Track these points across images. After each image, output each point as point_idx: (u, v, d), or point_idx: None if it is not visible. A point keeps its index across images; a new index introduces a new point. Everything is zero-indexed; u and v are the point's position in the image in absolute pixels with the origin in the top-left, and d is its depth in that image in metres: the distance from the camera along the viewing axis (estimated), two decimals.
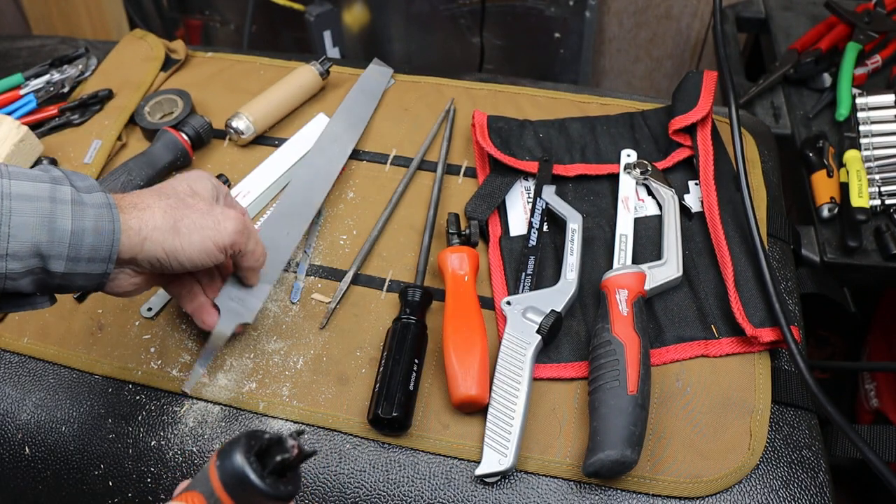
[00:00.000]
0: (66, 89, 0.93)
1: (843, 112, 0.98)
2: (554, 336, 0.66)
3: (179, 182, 0.59)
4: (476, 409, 0.63)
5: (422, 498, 0.60)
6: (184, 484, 0.43)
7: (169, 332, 0.70)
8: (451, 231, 0.74)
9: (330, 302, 0.71)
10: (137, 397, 0.66)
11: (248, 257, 0.62)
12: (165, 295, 0.72)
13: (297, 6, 1.45)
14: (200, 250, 0.56)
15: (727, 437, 0.61)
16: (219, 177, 0.81)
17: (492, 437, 0.60)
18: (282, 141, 0.87)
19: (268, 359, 0.68)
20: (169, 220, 0.55)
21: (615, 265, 0.70)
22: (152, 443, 0.63)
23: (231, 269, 0.65)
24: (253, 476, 0.39)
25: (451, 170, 0.83)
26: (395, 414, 0.60)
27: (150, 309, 0.71)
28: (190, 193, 0.58)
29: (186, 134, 0.83)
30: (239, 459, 0.39)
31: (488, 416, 0.61)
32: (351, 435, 0.63)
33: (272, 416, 0.64)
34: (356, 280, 0.73)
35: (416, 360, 0.64)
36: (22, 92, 0.91)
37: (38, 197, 0.49)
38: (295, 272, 0.74)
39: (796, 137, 1.00)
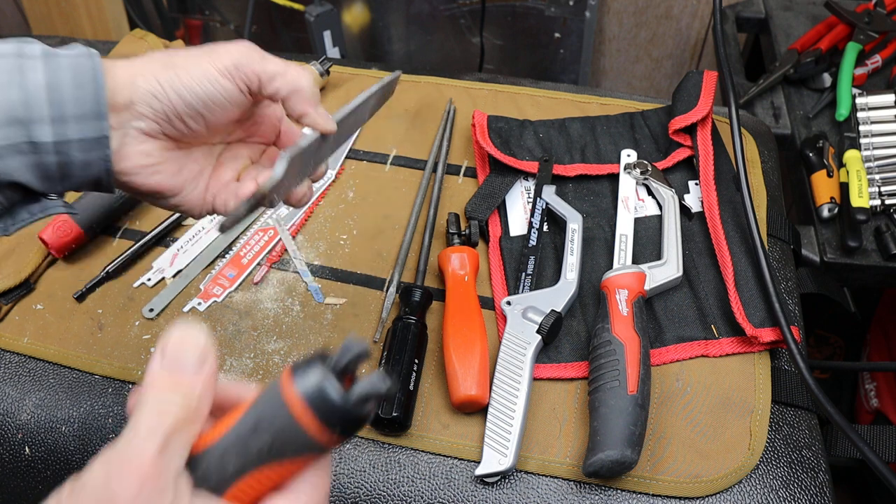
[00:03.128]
0: None
1: (843, 112, 0.98)
2: (554, 336, 0.66)
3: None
4: (476, 409, 0.63)
5: (422, 498, 0.60)
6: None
7: None
8: (451, 231, 0.74)
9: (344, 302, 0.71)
10: None
11: (280, 81, 0.49)
12: (167, 296, 0.72)
13: (297, 6, 1.45)
14: (202, 77, 0.47)
15: (727, 437, 0.61)
16: None
17: (492, 437, 0.60)
18: None
19: (268, 359, 0.68)
20: (161, 57, 0.47)
21: (615, 265, 0.70)
22: None
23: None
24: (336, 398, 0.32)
25: (451, 170, 0.83)
26: (395, 414, 0.60)
27: (151, 310, 0.71)
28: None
29: None
30: (323, 377, 0.32)
31: (488, 416, 0.61)
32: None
33: None
34: (357, 280, 0.73)
35: (416, 360, 0.64)
36: None
37: (2, 54, 0.43)
38: (297, 272, 0.74)
39: (796, 137, 1.00)
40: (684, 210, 0.76)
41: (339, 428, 0.32)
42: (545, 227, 0.75)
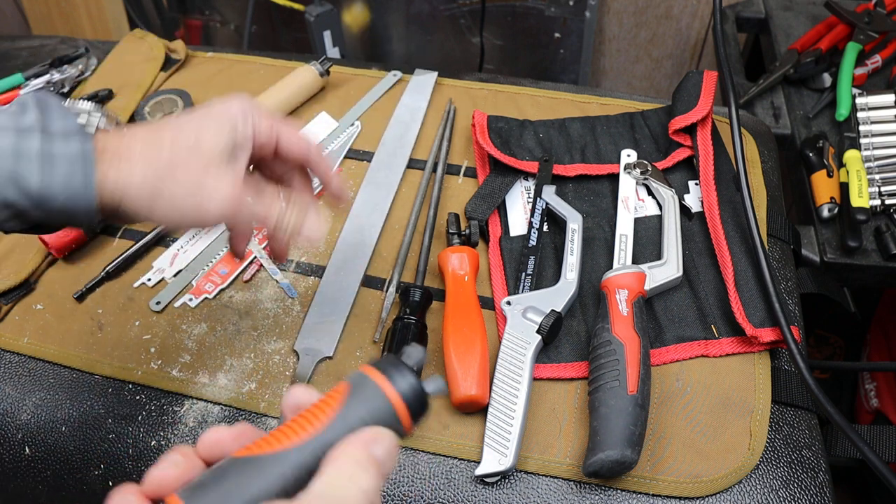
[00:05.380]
0: (66, 89, 0.93)
1: (843, 112, 0.98)
2: (554, 336, 0.66)
3: (188, 125, 0.51)
4: (476, 409, 0.63)
5: (422, 498, 0.60)
6: (304, 391, 0.39)
7: (169, 332, 0.70)
8: (451, 231, 0.74)
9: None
10: (137, 397, 0.66)
11: (264, 223, 0.54)
12: (174, 289, 0.72)
13: (297, 6, 1.45)
14: (181, 221, 0.50)
15: (727, 437, 0.61)
16: None
17: (492, 437, 0.60)
18: None
19: (268, 359, 0.68)
20: (149, 183, 0.48)
21: (615, 265, 0.70)
22: (152, 443, 0.63)
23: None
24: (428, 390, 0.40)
25: (451, 170, 0.83)
26: None
27: (158, 303, 0.72)
28: (191, 147, 0.50)
29: None
30: (416, 379, 0.39)
31: (488, 416, 0.61)
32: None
33: (272, 416, 0.64)
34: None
35: None
36: (22, 92, 0.91)
37: None
38: (296, 272, 0.74)
39: (796, 137, 1.00)
40: (684, 210, 0.76)
41: (418, 418, 0.40)
42: (545, 227, 0.75)
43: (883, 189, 0.90)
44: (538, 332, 0.64)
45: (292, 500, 0.33)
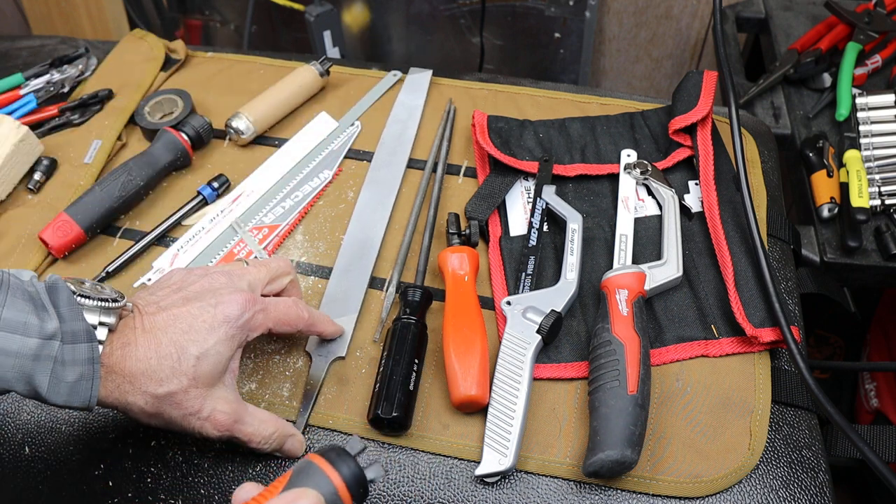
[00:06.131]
0: (66, 89, 0.93)
1: (843, 112, 0.98)
2: (554, 336, 0.66)
3: (191, 342, 0.55)
4: (476, 409, 0.63)
5: (422, 498, 0.60)
6: (253, 486, 0.46)
7: None
8: (451, 231, 0.74)
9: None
10: None
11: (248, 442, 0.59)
12: None
13: (297, 6, 1.45)
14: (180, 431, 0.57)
15: (727, 437, 0.61)
16: (218, 177, 0.81)
17: (492, 437, 0.60)
18: (282, 141, 0.87)
19: (268, 359, 0.68)
20: (150, 406, 0.54)
21: (615, 265, 0.70)
22: (152, 443, 0.63)
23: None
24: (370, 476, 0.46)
25: (451, 170, 0.83)
26: (395, 414, 0.60)
27: None
28: (195, 374, 0.54)
29: (186, 134, 0.83)
30: (357, 465, 0.46)
31: (488, 416, 0.61)
32: (351, 435, 0.63)
33: None
34: None
35: (416, 360, 0.64)
36: (22, 92, 0.91)
37: (21, 354, 0.50)
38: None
39: (796, 137, 1.00)
40: (684, 210, 0.76)
41: (358, 501, 0.46)
42: (545, 227, 0.75)
43: (883, 189, 0.90)
44: (538, 332, 0.64)
45: None
